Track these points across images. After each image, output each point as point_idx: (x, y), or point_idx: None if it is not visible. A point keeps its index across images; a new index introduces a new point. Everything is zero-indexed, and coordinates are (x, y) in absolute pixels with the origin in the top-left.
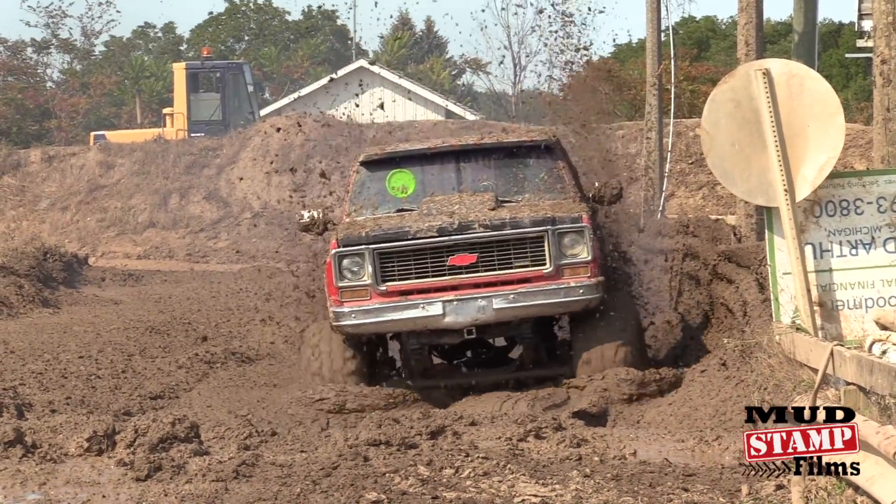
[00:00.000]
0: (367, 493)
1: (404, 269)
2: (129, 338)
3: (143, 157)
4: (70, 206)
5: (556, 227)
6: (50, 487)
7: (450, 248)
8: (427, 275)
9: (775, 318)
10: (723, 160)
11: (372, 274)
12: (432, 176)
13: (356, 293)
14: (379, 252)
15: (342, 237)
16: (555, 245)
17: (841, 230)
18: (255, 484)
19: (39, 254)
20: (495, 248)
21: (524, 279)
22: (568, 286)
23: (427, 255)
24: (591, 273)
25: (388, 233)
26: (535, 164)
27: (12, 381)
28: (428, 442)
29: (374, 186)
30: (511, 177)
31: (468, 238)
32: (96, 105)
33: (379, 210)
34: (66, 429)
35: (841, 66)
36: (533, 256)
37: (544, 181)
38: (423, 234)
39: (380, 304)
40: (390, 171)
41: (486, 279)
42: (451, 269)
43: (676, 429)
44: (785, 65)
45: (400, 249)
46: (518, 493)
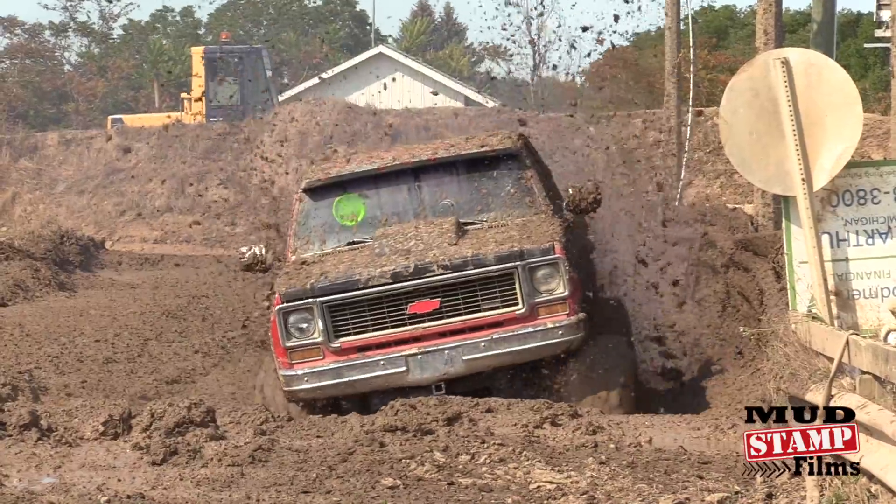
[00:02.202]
0: (382, 478)
1: (359, 321)
2: (145, 322)
3: (161, 142)
4: (87, 190)
5: (526, 261)
6: (65, 471)
7: (408, 295)
8: (385, 326)
9: (791, 306)
10: (741, 149)
11: (323, 330)
12: (385, 199)
13: (307, 353)
14: (328, 305)
15: (284, 292)
16: (526, 281)
17: (858, 220)
18: (270, 469)
19: (56, 237)
20: (459, 291)
21: (495, 323)
22: (545, 328)
23: (383, 304)
24: (570, 310)
25: (335, 284)
26: (499, 175)
27: (28, 364)
28: (444, 428)
29: (320, 216)
30: (474, 193)
31: (427, 283)
32: (114, 89)
33: (327, 244)
34: (81, 412)
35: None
36: (503, 296)
37: (511, 195)
38: (375, 281)
39: (335, 363)
40: (336, 197)
41: (451, 326)
42: (412, 318)
43: (692, 417)
44: (803, 54)
45: (352, 300)
46: (534, 480)
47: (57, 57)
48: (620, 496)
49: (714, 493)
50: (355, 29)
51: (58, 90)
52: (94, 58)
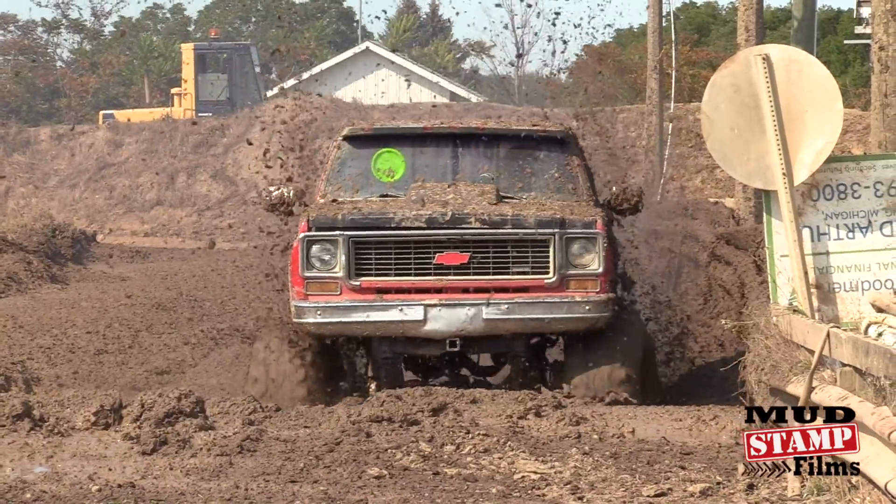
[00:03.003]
0: (369, 467)
1: (383, 263)
2: (135, 314)
3: (151, 136)
4: (79, 184)
5: (566, 231)
6: (57, 460)
7: (438, 244)
8: (410, 272)
9: (773, 299)
10: (722, 144)
11: (345, 265)
12: (425, 160)
13: (324, 286)
14: (355, 240)
15: (314, 218)
16: (561, 252)
17: (838, 214)
18: (259, 458)
19: (48, 230)
20: (491, 249)
21: (522, 288)
22: (573, 300)
23: (411, 250)
24: (601, 288)
25: (367, 218)
26: (545, 158)
27: (21, 355)
28: (430, 419)
29: (357, 166)
30: (517, 170)
31: (461, 233)
32: (105, 84)
33: (360, 194)
34: (73, 403)
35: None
36: (535, 263)
37: (554, 179)
38: (409, 223)
39: (350, 301)
40: (377, 150)
41: (477, 283)
42: (438, 269)
43: (674, 408)
44: (784, 50)
45: (380, 239)
46: (518, 470)
47: (49, 53)
48: (603, 486)
49: (696, 484)
50: (342, 26)
51: (50, 86)
52: (85, 54)
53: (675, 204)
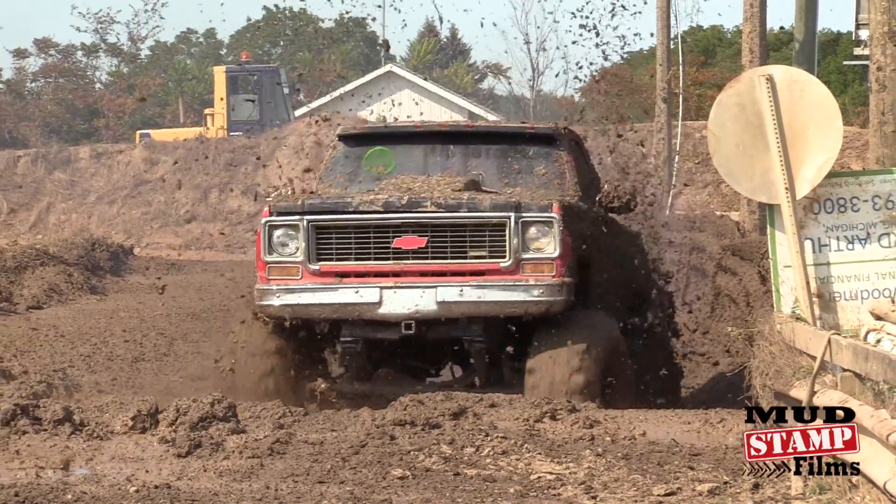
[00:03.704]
0: (393, 469)
1: (343, 247)
2: (171, 323)
3: (186, 154)
4: (117, 200)
5: (521, 214)
6: (97, 463)
7: (396, 228)
8: (368, 257)
9: (776, 308)
10: (728, 160)
11: (305, 250)
12: (416, 159)
13: (285, 270)
14: (315, 225)
15: (275, 205)
16: (517, 235)
17: (838, 226)
18: (288, 460)
19: (88, 244)
20: (449, 233)
21: (478, 272)
22: (526, 284)
23: (370, 234)
24: (557, 272)
25: (325, 203)
26: (534, 155)
27: (62, 363)
28: (450, 422)
29: (350, 164)
30: (504, 167)
31: (417, 217)
32: (142, 105)
33: (350, 189)
34: (111, 408)
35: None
36: (492, 247)
37: (540, 175)
38: (365, 207)
39: (310, 284)
40: (368, 148)
41: (434, 268)
42: (396, 253)
43: (683, 411)
44: (787, 71)
45: (339, 224)
46: (534, 471)
47: (88, 76)
48: (616, 486)
49: (704, 483)
50: (366, 49)
51: (89, 107)
52: (123, 76)
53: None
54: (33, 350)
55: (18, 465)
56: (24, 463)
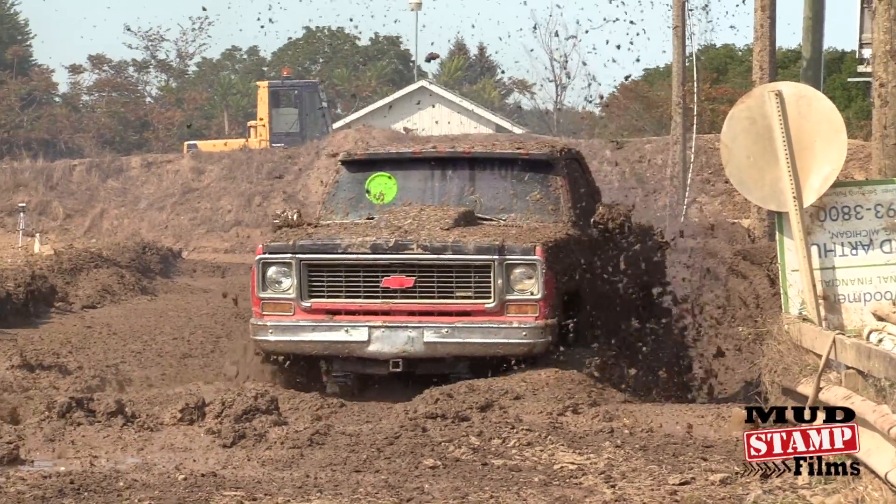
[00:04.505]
0: (425, 459)
1: (334, 286)
2: (217, 322)
3: (230, 164)
4: (166, 207)
5: (505, 257)
6: (147, 452)
7: (385, 268)
8: (358, 295)
9: (784, 309)
10: (739, 170)
11: (297, 287)
12: (415, 183)
13: (278, 307)
14: (307, 264)
15: (266, 244)
16: (502, 277)
17: (843, 233)
18: (326, 451)
19: (139, 248)
20: (436, 274)
21: (464, 312)
22: (510, 326)
23: (360, 274)
24: (541, 314)
25: (316, 244)
26: (530, 180)
27: (114, 359)
28: (479, 415)
29: (352, 189)
30: (501, 192)
31: (403, 259)
32: (189, 118)
33: (350, 216)
34: (161, 401)
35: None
36: (477, 288)
37: (535, 201)
38: (354, 249)
39: (302, 321)
40: (371, 174)
41: (421, 307)
42: (385, 292)
43: (697, 406)
44: (795, 87)
45: (329, 263)
46: (557, 461)
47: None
48: (634, 475)
49: (716, 473)
50: (400, 66)
51: (140, 119)
52: (171, 91)
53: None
54: (88, 347)
55: (74, 454)
56: (79, 452)
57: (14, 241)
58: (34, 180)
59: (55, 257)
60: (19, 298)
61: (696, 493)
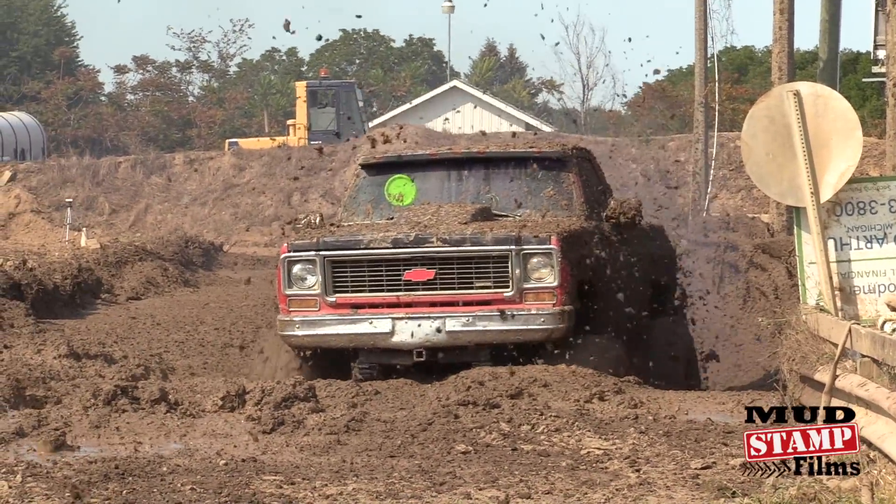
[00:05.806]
0: (457, 444)
1: (357, 281)
2: (257, 313)
3: (270, 161)
4: (208, 202)
5: (521, 247)
6: (190, 439)
7: (407, 262)
8: (381, 289)
9: (802, 300)
10: (759, 167)
11: (322, 283)
12: (433, 184)
13: (304, 303)
14: (330, 260)
15: (291, 243)
16: (519, 267)
17: (858, 227)
18: (362, 437)
19: (182, 242)
20: (455, 266)
21: (484, 301)
22: (528, 313)
23: (382, 268)
24: (558, 301)
25: (339, 241)
26: (544, 177)
27: (158, 348)
28: (509, 402)
29: (372, 192)
30: (515, 190)
31: (424, 252)
32: (230, 117)
33: (371, 218)
34: (203, 389)
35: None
36: (496, 278)
37: (549, 197)
38: (376, 244)
39: (328, 315)
40: (389, 176)
41: (442, 298)
42: (407, 285)
43: (718, 393)
44: (812, 87)
45: (353, 259)
46: (584, 447)
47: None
48: (657, 460)
49: (737, 458)
50: (433, 66)
51: (183, 118)
52: (213, 90)
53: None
54: (132, 337)
55: (119, 440)
56: (124, 438)
57: (61, 236)
58: (81, 176)
59: (101, 251)
60: (66, 290)
61: (717, 476)
